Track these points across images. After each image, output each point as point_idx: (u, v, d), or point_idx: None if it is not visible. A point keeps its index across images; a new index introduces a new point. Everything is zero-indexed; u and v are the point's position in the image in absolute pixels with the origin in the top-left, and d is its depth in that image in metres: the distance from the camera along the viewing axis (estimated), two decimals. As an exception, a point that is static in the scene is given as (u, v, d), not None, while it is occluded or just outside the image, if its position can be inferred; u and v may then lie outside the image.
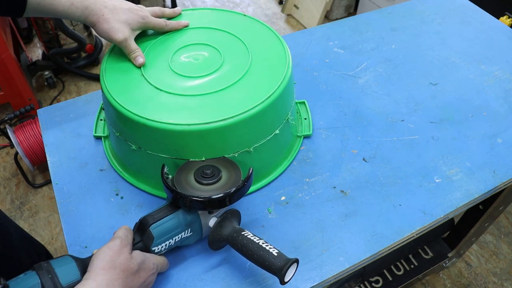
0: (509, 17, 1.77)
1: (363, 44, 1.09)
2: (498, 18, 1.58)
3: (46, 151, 0.84)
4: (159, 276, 0.66)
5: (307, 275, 0.67)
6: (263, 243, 0.60)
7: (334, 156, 0.83)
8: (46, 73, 2.18)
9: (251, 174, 0.64)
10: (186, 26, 0.83)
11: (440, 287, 1.52)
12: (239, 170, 0.67)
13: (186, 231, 0.64)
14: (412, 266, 1.37)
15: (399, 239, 0.71)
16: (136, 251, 0.59)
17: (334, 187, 0.78)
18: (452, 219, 1.35)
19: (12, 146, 1.93)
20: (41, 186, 1.82)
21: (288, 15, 2.78)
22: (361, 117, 0.91)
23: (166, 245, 0.63)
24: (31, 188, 1.81)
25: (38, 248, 1.12)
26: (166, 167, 0.67)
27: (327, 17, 2.66)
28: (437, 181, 0.80)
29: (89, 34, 2.26)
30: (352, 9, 2.70)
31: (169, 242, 0.63)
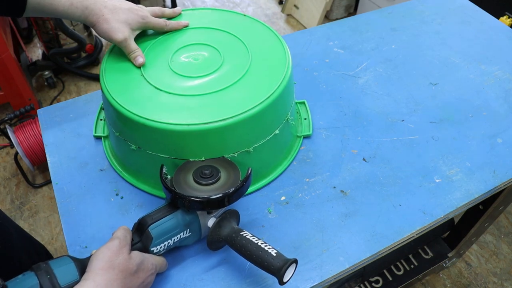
0: (509, 17, 1.77)
1: (363, 44, 1.09)
2: (498, 18, 1.58)
3: (46, 151, 0.84)
4: (159, 276, 0.66)
5: (307, 275, 0.67)
6: (262, 243, 0.60)
7: (334, 156, 0.83)
8: (46, 73, 2.18)
9: (250, 174, 0.64)
10: (186, 26, 0.83)
11: (440, 287, 1.52)
12: (238, 171, 0.66)
13: (185, 232, 0.64)
14: (412, 266, 1.37)
15: (399, 239, 0.71)
16: (135, 252, 0.59)
17: (334, 187, 0.78)
18: (452, 219, 1.35)
19: (12, 146, 1.93)
20: (41, 186, 1.82)
21: (288, 15, 2.78)
22: (361, 117, 0.91)
23: (165, 246, 0.63)
24: (31, 188, 1.81)
25: (38, 248, 1.12)
26: (165, 167, 0.67)
27: (327, 17, 2.66)
28: (437, 181, 0.80)
29: (89, 34, 2.26)
30: (352, 9, 2.70)
31: (168, 243, 0.63)
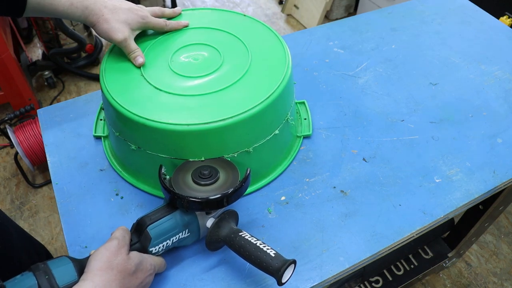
0: (509, 17, 1.77)
1: (363, 44, 1.09)
2: (498, 18, 1.58)
3: (46, 151, 0.84)
4: (159, 276, 0.66)
5: (307, 275, 0.67)
6: (261, 244, 0.60)
7: (334, 156, 0.83)
8: (46, 73, 2.18)
9: (249, 175, 0.64)
10: (186, 26, 0.83)
11: (440, 287, 1.52)
12: (237, 171, 0.66)
13: (184, 232, 0.64)
14: (412, 266, 1.37)
15: (399, 239, 0.71)
16: (134, 252, 0.59)
17: (334, 187, 0.78)
18: (452, 219, 1.35)
19: (12, 146, 1.93)
20: (41, 186, 1.82)
21: (288, 15, 2.78)
22: (361, 117, 0.91)
23: (164, 246, 0.63)
24: (31, 188, 1.81)
25: (38, 248, 1.12)
26: (164, 168, 0.66)
27: (327, 17, 2.66)
28: (437, 181, 0.80)
29: (89, 34, 2.26)
30: (352, 9, 2.70)
31: (167, 243, 0.63)
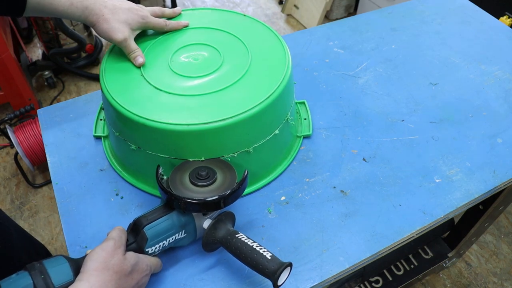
0: (509, 17, 1.77)
1: (363, 44, 1.09)
2: (498, 18, 1.58)
3: (46, 151, 0.84)
4: (159, 276, 0.66)
5: (307, 275, 0.67)
6: (257, 246, 0.59)
7: (334, 156, 0.83)
8: (46, 73, 2.18)
9: (246, 177, 0.64)
10: (186, 26, 0.83)
11: (440, 287, 1.52)
12: (234, 172, 0.66)
13: (180, 233, 0.64)
14: (412, 266, 1.37)
15: (399, 239, 0.71)
16: (130, 252, 0.59)
17: (334, 187, 0.78)
18: (452, 219, 1.35)
19: (12, 146, 1.93)
20: (41, 186, 1.82)
21: (288, 15, 2.78)
22: (361, 117, 0.91)
23: (160, 246, 0.63)
24: (31, 188, 1.81)
25: (38, 248, 1.12)
26: (161, 168, 0.66)
27: (327, 17, 2.66)
28: (437, 181, 0.79)
29: (89, 34, 2.26)
30: (352, 9, 2.70)
31: (163, 243, 0.63)
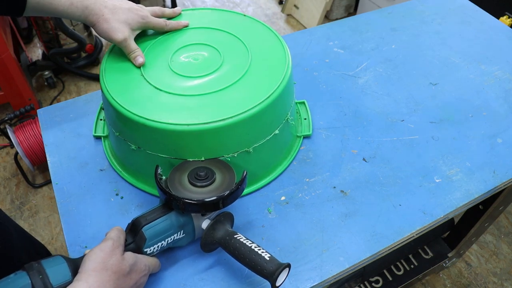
0: (509, 17, 1.77)
1: (363, 44, 1.09)
2: (498, 18, 1.58)
3: (46, 151, 0.84)
4: (160, 276, 0.66)
5: (307, 275, 0.67)
6: (256, 247, 0.60)
7: (334, 156, 0.83)
8: (46, 73, 2.18)
9: (245, 177, 0.64)
10: (186, 26, 0.83)
11: (440, 287, 1.52)
12: (233, 173, 0.66)
13: (179, 233, 0.64)
14: (412, 266, 1.37)
15: (399, 239, 0.71)
16: (128, 253, 0.59)
17: (334, 187, 0.78)
18: (452, 219, 1.35)
19: (12, 146, 1.93)
20: (41, 186, 1.82)
21: (288, 15, 2.78)
22: (361, 117, 0.91)
23: (159, 247, 0.63)
24: (31, 188, 1.81)
25: (38, 248, 1.12)
26: (160, 168, 0.66)
27: (327, 17, 2.66)
28: (437, 181, 0.79)
29: (89, 34, 2.26)
30: (352, 9, 2.70)
31: (162, 244, 0.63)
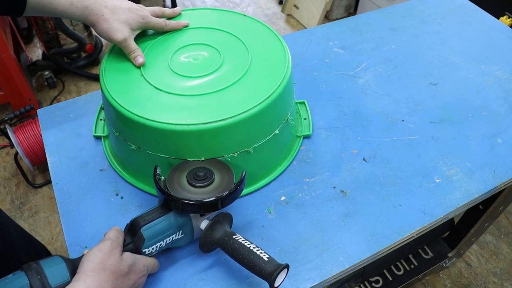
0: (509, 17, 1.77)
1: (363, 44, 1.09)
2: (498, 18, 1.58)
3: (46, 151, 0.84)
4: (159, 276, 0.66)
5: (307, 275, 0.67)
6: (254, 248, 0.60)
7: (334, 156, 0.83)
8: (46, 73, 2.18)
9: (244, 178, 0.64)
10: (186, 26, 0.83)
11: (440, 287, 1.52)
12: (232, 173, 0.66)
13: (178, 233, 0.64)
14: (412, 266, 1.37)
15: (399, 239, 0.71)
16: (127, 253, 0.59)
17: (334, 187, 0.78)
18: (452, 219, 1.35)
19: (12, 146, 1.93)
20: (41, 186, 1.82)
21: (288, 15, 2.78)
22: (361, 117, 0.91)
23: (157, 247, 0.63)
24: (31, 188, 1.81)
25: (38, 248, 1.12)
26: (159, 168, 0.66)
27: (327, 17, 2.66)
28: (437, 181, 0.79)
29: (89, 34, 2.26)
30: (352, 9, 2.70)
31: (160, 244, 0.63)
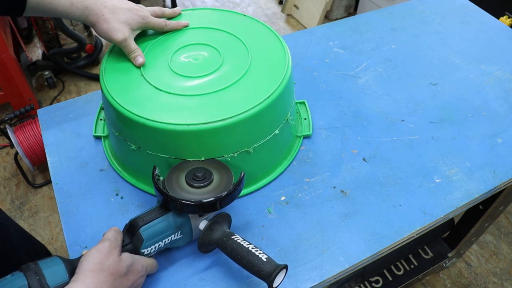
0: (509, 17, 1.77)
1: (363, 44, 1.09)
2: (498, 18, 1.58)
3: (46, 151, 0.84)
4: (159, 276, 0.66)
5: (307, 275, 0.67)
6: (253, 248, 0.60)
7: (334, 156, 0.83)
8: (46, 73, 2.18)
9: (243, 178, 0.64)
10: (186, 26, 0.83)
11: (440, 287, 1.52)
12: (231, 173, 0.66)
13: (176, 234, 0.64)
14: (412, 266, 1.37)
15: (399, 239, 0.71)
16: (125, 253, 0.58)
17: (334, 187, 0.78)
18: (452, 219, 1.35)
19: (12, 146, 1.93)
20: (41, 186, 1.82)
21: (288, 15, 2.78)
22: (361, 117, 0.91)
23: (156, 247, 0.62)
24: (31, 188, 1.81)
25: (38, 248, 1.12)
26: (158, 169, 0.66)
27: (327, 17, 2.66)
28: (437, 181, 0.79)
29: (89, 34, 2.26)
30: (352, 9, 2.70)
31: (159, 244, 0.63)
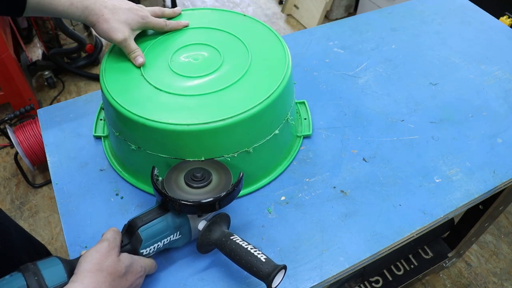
0: (509, 17, 1.77)
1: (363, 44, 1.09)
2: (498, 18, 1.58)
3: (46, 151, 0.84)
4: (159, 276, 0.66)
5: (307, 275, 0.67)
6: (252, 248, 0.60)
7: (334, 156, 0.83)
8: (46, 73, 2.18)
9: (241, 178, 0.64)
10: (186, 26, 0.83)
11: (440, 287, 1.52)
12: (230, 174, 0.66)
13: (175, 234, 0.64)
14: (412, 266, 1.37)
15: (399, 239, 0.71)
16: (124, 254, 0.58)
17: (334, 187, 0.78)
18: (452, 219, 1.35)
19: (12, 146, 1.93)
20: (41, 186, 1.82)
21: (288, 15, 2.78)
22: (361, 117, 0.91)
23: (155, 248, 0.63)
24: (31, 188, 1.81)
25: (38, 248, 1.12)
26: (157, 169, 0.66)
27: (327, 17, 2.66)
28: (437, 181, 0.79)
29: (89, 34, 2.26)
30: (352, 9, 2.70)
31: (158, 245, 0.63)
